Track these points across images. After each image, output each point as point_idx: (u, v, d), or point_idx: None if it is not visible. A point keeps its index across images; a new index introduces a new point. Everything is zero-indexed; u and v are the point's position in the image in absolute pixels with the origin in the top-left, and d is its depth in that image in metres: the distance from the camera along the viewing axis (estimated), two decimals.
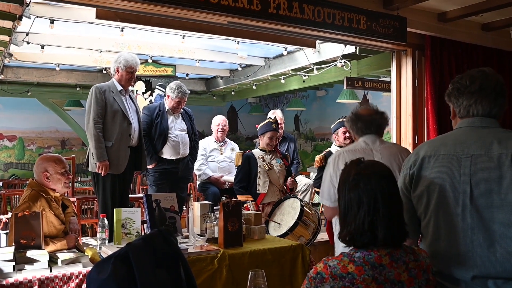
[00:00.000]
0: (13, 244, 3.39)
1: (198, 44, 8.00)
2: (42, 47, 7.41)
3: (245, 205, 4.82)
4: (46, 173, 3.94)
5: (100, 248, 3.73)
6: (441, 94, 5.53)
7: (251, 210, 4.63)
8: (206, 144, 7.08)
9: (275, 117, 6.04)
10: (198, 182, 7.10)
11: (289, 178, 5.78)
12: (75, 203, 6.26)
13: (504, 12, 5.54)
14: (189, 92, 6.27)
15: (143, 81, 9.47)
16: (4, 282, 3.01)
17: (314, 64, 8.31)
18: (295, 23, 4.65)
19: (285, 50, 7.89)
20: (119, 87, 5.17)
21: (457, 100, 2.38)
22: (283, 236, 4.78)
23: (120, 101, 5.12)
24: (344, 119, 5.81)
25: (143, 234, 4.21)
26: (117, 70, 5.20)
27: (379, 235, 1.99)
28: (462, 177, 2.24)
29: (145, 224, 4.22)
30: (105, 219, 3.84)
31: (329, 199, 3.43)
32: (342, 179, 2.14)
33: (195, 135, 6.32)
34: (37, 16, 5.93)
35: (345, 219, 2.08)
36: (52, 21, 5.99)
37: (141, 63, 8.24)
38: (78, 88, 11.17)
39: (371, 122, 3.50)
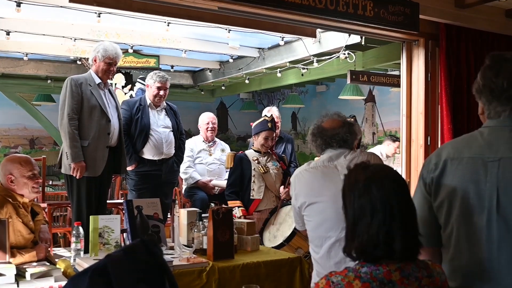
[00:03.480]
0: None
1: (184, 32, 7.99)
2: (8, 33, 7.37)
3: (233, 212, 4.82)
4: (11, 176, 3.90)
5: (74, 260, 3.72)
6: (457, 89, 5.54)
7: (238, 218, 4.63)
8: (193, 145, 7.06)
9: (271, 115, 6.03)
10: (184, 187, 7.09)
11: (282, 187, 5.74)
12: (46, 210, 6.24)
13: None
14: (170, 78, 6.27)
15: (122, 73, 9.45)
16: None
17: (314, 55, 8.30)
18: (294, 10, 4.63)
19: (282, 40, 7.89)
20: (97, 80, 5.15)
21: (490, 103, 2.28)
22: (278, 247, 4.77)
23: (99, 96, 5.10)
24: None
25: (123, 244, 4.19)
26: (95, 60, 5.20)
27: (396, 247, 1.96)
28: (489, 184, 2.16)
29: (125, 234, 4.20)
30: (80, 227, 3.82)
31: (297, 222, 3.56)
32: (349, 185, 2.11)
33: (181, 134, 6.30)
34: None
35: (355, 229, 2.03)
36: (18, 4, 5.92)
37: None
38: (49, 81, 11.11)
39: (332, 137, 3.40)
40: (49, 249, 3.99)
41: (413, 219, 2.05)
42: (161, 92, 6.06)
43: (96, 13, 6.43)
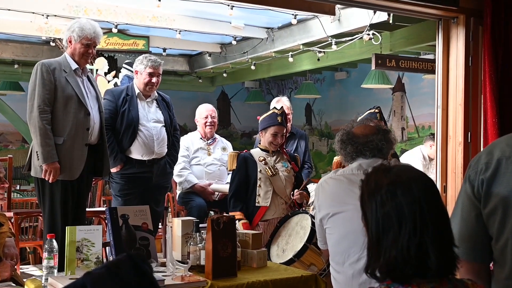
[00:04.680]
0: None
1: (179, 9, 8.00)
2: None
3: None
4: None
5: (46, 279, 3.71)
6: (504, 76, 5.50)
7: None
8: (189, 142, 7.08)
9: (282, 107, 6.03)
10: (178, 192, 7.10)
11: (297, 190, 5.74)
12: (13, 220, 6.25)
13: None
14: (162, 62, 6.24)
15: (105, 57, 9.45)
16: None
17: (333, 36, 8.31)
18: None
19: (295, 18, 7.88)
20: (74, 65, 5.16)
21: None
22: (288, 263, 4.78)
23: (75, 84, 5.10)
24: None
25: (105, 260, 4.20)
26: (70, 41, 5.20)
27: (431, 263, 1.93)
28: None
29: (107, 248, 4.21)
30: (54, 240, 3.81)
31: (319, 240, 3.69)
32: (369, 191, 2.09)
33: (175, 129, 6.31)
34: None
35: (380, 244, 2.00)
36: None
37: (104, 34, 8.22)
38: (16, 65, 11.13)
39: (364, 145, 3.48)
40: (15, 267, 3.99)
41: (448, 227, 2.03)
42: (154, 79, 6.03)
43: None
